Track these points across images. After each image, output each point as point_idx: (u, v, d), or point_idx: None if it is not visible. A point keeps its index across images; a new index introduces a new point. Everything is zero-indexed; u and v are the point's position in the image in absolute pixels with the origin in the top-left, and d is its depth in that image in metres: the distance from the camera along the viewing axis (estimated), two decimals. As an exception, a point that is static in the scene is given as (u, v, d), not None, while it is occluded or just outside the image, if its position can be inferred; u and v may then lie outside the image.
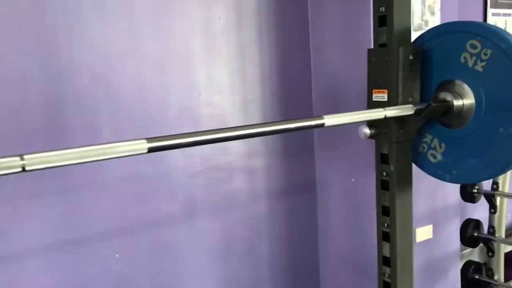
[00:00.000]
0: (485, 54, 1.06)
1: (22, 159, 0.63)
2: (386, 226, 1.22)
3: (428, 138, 1.22)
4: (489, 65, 1.06)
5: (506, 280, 2.42)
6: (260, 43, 2.08)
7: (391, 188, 1.19)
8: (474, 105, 1.11)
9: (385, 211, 1.21)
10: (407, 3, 1.15)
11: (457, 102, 1.11)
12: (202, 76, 1.95)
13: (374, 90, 1.18)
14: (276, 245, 2.24)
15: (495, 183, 2.38)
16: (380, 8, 1.14)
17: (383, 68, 1.15)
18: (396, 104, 1.12)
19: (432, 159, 1.22)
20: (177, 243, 1.95)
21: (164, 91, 1.86)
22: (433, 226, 2.28)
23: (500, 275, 2.39)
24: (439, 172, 1.21)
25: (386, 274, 1.24)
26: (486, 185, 2.58)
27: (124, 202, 1.79)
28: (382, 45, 1.16)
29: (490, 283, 2.35)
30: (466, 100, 1.12)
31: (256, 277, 2.20)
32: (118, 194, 1.76)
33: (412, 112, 1.10)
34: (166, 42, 1.83)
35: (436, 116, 1.12)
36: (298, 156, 2.25)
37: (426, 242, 2.25)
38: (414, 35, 1.20)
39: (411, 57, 1.14)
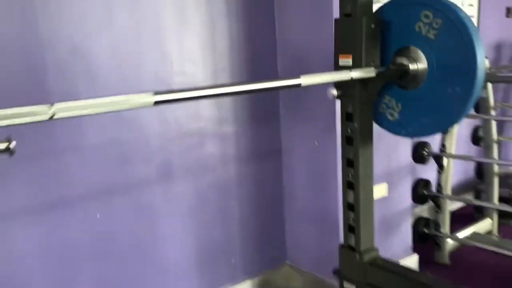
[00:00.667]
0: (436, 23, 1.22)
1: (51, 107, 0.73)
2: (350, 176, 1.39)
3: (386, 99, 1.39)
4: (440, 33, 1.23)
5: (451, 233, 2.69)
6: (229, 16, 2.19)
7: (355, 143, 1.35)
8: (427, 69, 1.27)
9: (349, 163, 1.38)
10: (370, -23, 1.29)
11: (412, 66, 1.28)
12: (174, 47, 2.05)
13: (340, 55, 1.32)
14: (246, 205, 2.39)
15: (443, 145, 2.61)
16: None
17: (348, 36, 1.30)
18: (360, 67, 1.27)
19: (390, 117, 1.39)
20: (154, 204, 2.07)
21: (138, 61, 1.95)
22: (388, 185, 2.49)
23: (445, 228, 2.65)
24: (396, 128, 1.39)
25: (351, 218, 1.41)
26: (435, 147, 2.83)
27: (105, 165, 1.88)
28: (347, 15, 1.30)
29: (437, 235, 2.61)
30: (420, 64, 1.28)
31: (227, 234, 2.36)
32: (99, 157, 1.85)
33: (373, 74, 1.26)
34: (139, 14, 1.91)
35: (394, 78, 1.29)
36: (264, 122, 2.41)
37: (382, 199, 2.47)
38: (375, 7, 1.35)
39: (372, 26, 1.29)
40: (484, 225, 2.80)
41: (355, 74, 1.26)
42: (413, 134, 1.38)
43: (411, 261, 2.69)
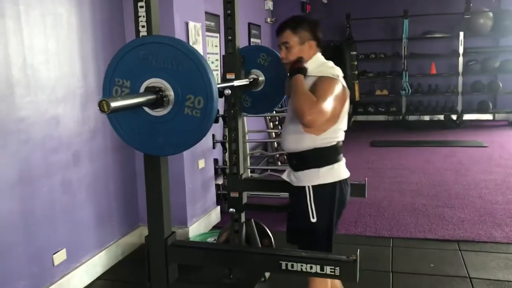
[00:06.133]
0: (268, 59, 2.67)
1: None
2: (233, 135, 2.69)
3: (244, 96, 2.76)
4: (269, 63, 2.68)
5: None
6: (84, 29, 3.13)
7: (235, 117, 2.66)
8: (264, 80, 2.70)
9: (233, 128, 2.68)
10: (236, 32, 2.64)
11: (260, 78, 2.68)
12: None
13: (227, 73, 2.62)
14: (116, 183, 3.34)
15: (224, 136, 4.12)
16: (228, 37, 2.60)
17: (231, 63, 2.61)
18: (238, 79, 2.60)
19: (245, 105, 2.76)
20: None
21: None
22: (204, 160, 3.85)
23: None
24: (249, 110, 2.76)
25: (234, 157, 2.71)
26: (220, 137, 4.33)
27: (45, 153, 2.61)
28: (231, 53, 2.61)
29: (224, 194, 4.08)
30: (261, 78, 2.71)
31: (109, 204, 3.28)
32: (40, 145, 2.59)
33: (247, 83, 2.61)
34: None
35: (254, 84, 2.66)
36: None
37: (202, 169, 3.80)
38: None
39: (242, 59, 2.64)
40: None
41: (237, 83, 2.58)
42: (257, 113, 2.80)
43: (216, 211, 4.09)
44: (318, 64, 2.17)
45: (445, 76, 9.35)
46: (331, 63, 2.21)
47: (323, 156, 2.09)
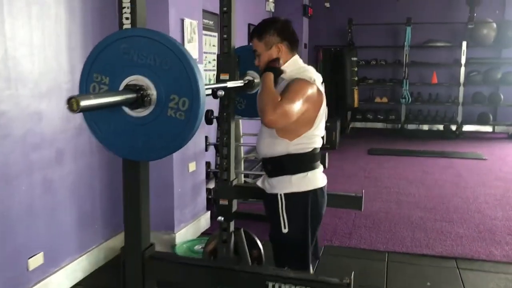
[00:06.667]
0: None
1: None
2: (225, 139, 2.55)
3: (238, 98, 2.61)
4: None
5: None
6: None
7: (228, 119, 2.52)
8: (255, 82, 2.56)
9: (226, 131, 2.53)
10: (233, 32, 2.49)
11: (256, 80, 2.54)
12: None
13: (221, 74, 2.47)
14: (101, 185, 3.18)
15: (218, 138, 3.95)
16: (224, 35, 2.46)
17: (226, 63, 2.46)
18: (233, 80, 2.45)
19: (239, 107, 2.62)
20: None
21: None
22: (195, 163, 3.70)
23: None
24: (243, 113, 2.62)
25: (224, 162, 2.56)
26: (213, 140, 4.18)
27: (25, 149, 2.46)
28: (226, 53, 2.47)
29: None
30: (256, 79, 2.56)
31: (93, 206, 3.12)
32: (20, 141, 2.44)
33: (242, 84, 2.46)
34: None
35: (249, 86, 2.52)
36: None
37: (193, 172, 3.65)
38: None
39: (237, 59, 2.50)
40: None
41: (230, 84, 2.43)
42: (251, 116, 2.66)
43: (206, 217, 3.94)
44: (294, 67, 2.09)
45: (446, 86, 9.23)
46: (309, 67, 2.12)
47: (297, 163, 1.99)
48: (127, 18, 1.55)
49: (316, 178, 2.02)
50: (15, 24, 2.41)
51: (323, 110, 2.03)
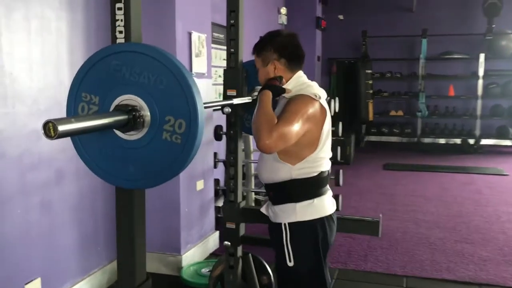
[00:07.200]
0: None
1: None
2: (232, 158, 2.40)
3: (246, 115, 2.46)
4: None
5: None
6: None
7: (234, 137, 2.37)
8: (269, 98, 2.41)
9: (232, 150, 2.38)
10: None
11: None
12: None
13: (228, 90, 2.34)
14: (105, 204, 3.05)
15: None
16: (231, 49, 2.32)
17: (233, 79, 2.33)
18: (241, 97, 2.31)
19: (247, 125, 2.47)
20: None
21: None
22: (203, 181, 3.55)
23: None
24: (249, 130, 2.47)
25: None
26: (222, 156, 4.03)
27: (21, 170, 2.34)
28: (232, 67, 2.33)
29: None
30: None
31: (95, 227, 2.98)
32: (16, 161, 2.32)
33: (250, 100, 2.32)
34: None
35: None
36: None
37: (201, 190, 3.51)
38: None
39: (245, 74, 2.36)
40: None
41: (237, 100, 2.29)
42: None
43: (214, 237, 3.78)
44: (296, 83, 1.89)
45: (463, 99, 8.98)
46: (312, 83, 1.91)
47: (301, 189, 1.80)
48: (120, 32, 1.43)
49: (324, 205, 1.83)
50: (12, 39, 2.30)
51: (328, 129, 1.84)
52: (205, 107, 1.70)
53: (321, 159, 1.82)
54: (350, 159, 7.37)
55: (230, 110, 2.25)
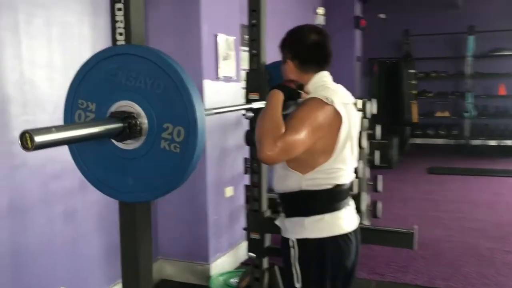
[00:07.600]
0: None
1: None
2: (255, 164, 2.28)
3: None
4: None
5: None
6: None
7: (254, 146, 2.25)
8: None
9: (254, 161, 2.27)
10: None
11: (289, 100, 2.26)
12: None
13: (250, 93, 2.22)
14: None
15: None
16: (253, 51, 2.20)
17: (255, 81, 2.21)
18: (263, 100, 2.19)
19: None
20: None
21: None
22: (233, 187, 3.45)
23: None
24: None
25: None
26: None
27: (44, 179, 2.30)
28: (254, 69, 2.21)
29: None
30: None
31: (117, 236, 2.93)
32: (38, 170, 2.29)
33: (273, 104, 2.19)
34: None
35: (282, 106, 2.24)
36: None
37: (230, 197, 3.40)
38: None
39: (268, 77, 2.23)
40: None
41: (258, 104, 2.16)
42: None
43: (245, 245, 3.65)
44: (315, 85, 1.67)
45: (515, 98, 8.49)
46: (331, 84, 1.68)
47: (310, 202, 1.60)
48: (120, 34, 1.34)
49: (337, 222, 1.60)
50: (33, 46, 2.28)
51: (346, 137, 1.60)
52: (217, 113, 1.60)
53: (338, 170, 1.60)
54: (393, 163, 7.08)
55: (252, 114, 2.13)
